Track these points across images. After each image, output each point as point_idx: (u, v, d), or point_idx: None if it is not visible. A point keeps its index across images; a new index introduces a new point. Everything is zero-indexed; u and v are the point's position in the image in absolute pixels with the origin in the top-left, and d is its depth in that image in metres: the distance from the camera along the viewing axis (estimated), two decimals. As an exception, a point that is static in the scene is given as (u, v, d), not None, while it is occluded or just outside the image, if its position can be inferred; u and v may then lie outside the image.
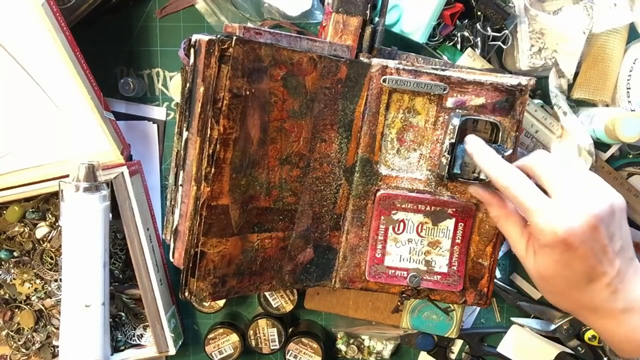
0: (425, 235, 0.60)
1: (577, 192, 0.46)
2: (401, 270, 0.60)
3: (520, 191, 0.48)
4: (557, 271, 0.47)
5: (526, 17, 0.65)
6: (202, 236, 0.52)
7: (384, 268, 0.60)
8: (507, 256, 0.76)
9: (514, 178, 0.49)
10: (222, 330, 0.74)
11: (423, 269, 0.60)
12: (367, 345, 0.78)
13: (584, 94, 0.69)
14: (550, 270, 0.48)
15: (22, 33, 0.60)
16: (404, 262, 0.60)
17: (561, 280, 0.48)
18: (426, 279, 0.61)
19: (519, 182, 0.48)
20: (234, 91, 0.50)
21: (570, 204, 0.46)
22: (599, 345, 0.74)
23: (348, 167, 0.59)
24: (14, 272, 0.73)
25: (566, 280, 0.47)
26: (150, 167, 0.74)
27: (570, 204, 0.46)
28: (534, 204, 0.47)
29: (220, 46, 0.49)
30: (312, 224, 0.59)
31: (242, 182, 0.53)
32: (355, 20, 0.59)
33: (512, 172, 0.49)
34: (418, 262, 0.60)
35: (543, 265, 0.48)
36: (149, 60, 0.73)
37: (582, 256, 0.46)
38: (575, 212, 0.45)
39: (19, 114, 0.64)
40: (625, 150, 0.73)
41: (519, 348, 0.75)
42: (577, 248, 0.45)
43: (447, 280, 0.61)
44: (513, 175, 0.49)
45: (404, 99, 0.58)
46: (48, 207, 0.71)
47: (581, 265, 0.46)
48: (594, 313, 0.48)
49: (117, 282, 0.73)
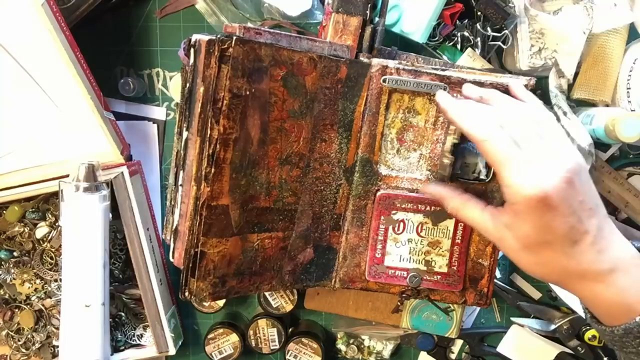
0: (425, 235, 0.60)
1: (544, 150, 0.46)
2: (401, 270, 0.60)
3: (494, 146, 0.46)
4: (540, 236, 0.46)
5: (526, 17, 0.65)
6: (202, 236, 0.52)
7: (384, 268, 0.60)
8: (507, 256, 0.76)
9: (492, 131, 0.47)
10: (222, 330, 0.74)
11: (423, 269, 0.60)
12: (367, 345, 0.78)
13: (584, 94, 0.69)
14: (532, 237, 0.46)
15: (22, 33, 0.60)
16: (404, 262, 0.60)
17: (546, 247, 0.46)
18: (426, 279, 0.61)
19: (496, 135, 0.46)
20: (234, 91, 0.50)
21: (541, 162, 0.45)
22: (599, 345, 0.74)
23: (348, 167, 0.59)
24: (14, 272, 0.73)
25: (551, 246, 0.46)
26: (150, 167, 0.74)
27: (542, 162, 0.45)
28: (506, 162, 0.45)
29: (220, 46, 0.49)
30: (312, 224, 0.59)
31: (242, 182, 0.53)
32: (355, 20, 0.59)
33: (489, 125, 0.47)
34: (418, 262, 0.60)
35: (524, 234, 0.46)
36: (149, 60, 0.73)
37: (562, 214, 0.44)
38: (549, 170, 0.44)
39: (19, 113, 0.64)
40: (625, 150, 0.73)
41: (519, 348, 0.75)
42: (557, 206, 0.44)
43: (447, 280, 0.61)
44: (491, 127, 0.47)
45: (404, 99, 0.58)
46: (48, 207, 0.71)
47: (563, 226, 0.45)
48: (582, 279, 0.46)
49: (117, 282, 0.73)
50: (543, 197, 0.44)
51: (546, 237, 0.46)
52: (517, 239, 0.47)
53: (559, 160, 0.45)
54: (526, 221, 0.46)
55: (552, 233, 0.45)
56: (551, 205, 0.44)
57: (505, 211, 0.48)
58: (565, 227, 0.45)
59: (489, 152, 0.46)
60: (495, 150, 0.46)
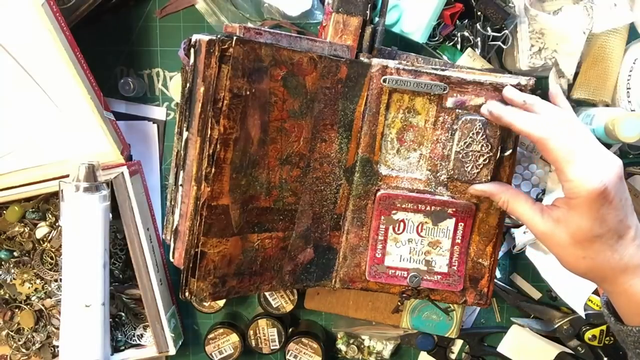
0: (426, 235, 0.60)
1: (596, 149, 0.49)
2: (401, 270, 0.60)
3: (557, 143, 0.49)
4: (594, 230, 0.48)
5: (526, 17, 0.65)
6: (202, 236, 0.52)
7: (384, 268, 0.60)
8: (507, 256, 0.76)
9: (554, 129, 0.49)
10: (222, 330, 0.74)
11: (423, 269, 0.60)
12: (367, 345, 0.78)
13: (584, 94, 0.69)
14: (586, 230, 0.48)
15: (22, 33, 0.60)
16: (404, 262, 0.60)
17: (596, 241, 0.48)
18: (426, 279, 0.61)
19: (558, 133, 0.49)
20: (234, 91, 0.50)
21: (598, 159, 0.48)
22: (599, 345, 0.74)
23: (348, 167, 0.59)
24: (14, 272, 0.73)
25: (601, 239, 0.48)
26: (150, 167, 0.74)
27: (599, 159, 0.48)
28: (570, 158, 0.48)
29: (221, 46, 0.49)
30: (312, 224, 0.59)
31: (242, 182, 0.53)
32: (355, 20, 0.59)
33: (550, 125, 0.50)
34: (418, 262, 0.60)
35: (578, 227, 0.49)
36: (149, 60, 0.73)
37: (615, 209, 0.47)
38: (606, 166, 0.47)
39: (19, 114, 0.64)
40: (625, 150, 0.73)
41: (519, 348, 0.76)
42: (612, 199, 0.47)
43: (447, 280, 0.61)
44: (552, 127, 0.49)
45: (404, 99, 0.58)
46: (48, 207, 0.71)
47: (614, 219, 0.47)
48: (623, 273, 0.49)
49: (117, 282, 0.73)
50: (604, 190, 0.47)
51: (599, 231, 0.48)
52: (569, 233, 0.49)
53: (611, 157, 0.48)
54: (582, 214, 0.48)
55: (604, 226, 0.48)
56: (608, 198, 0.47)
57: (557, 206, 0.51)
58: (616, 220, 0.48)
59: (552, 149, 0.49)
60: (558, 147, 0.48)
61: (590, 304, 0.74)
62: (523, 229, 0.71)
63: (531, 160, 0.72)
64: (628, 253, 0.48)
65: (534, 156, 0.72)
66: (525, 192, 0.73)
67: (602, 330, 0.73)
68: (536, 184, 0.73)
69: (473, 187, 0.58)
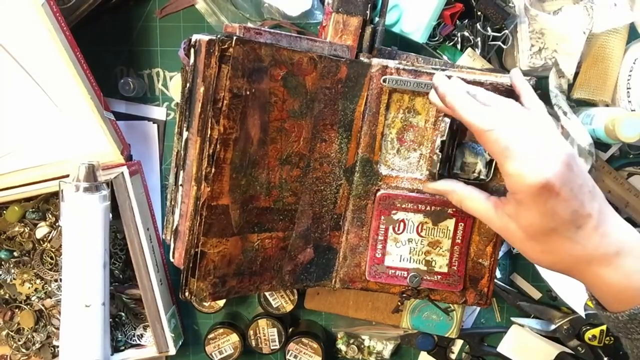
0: (426, 235, 0.60)
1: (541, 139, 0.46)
2: (401, 270, 0.60)
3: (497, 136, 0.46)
4: (545, 224, 0.46)
5: (526, 17, 0.65)
6: (202, 236, 0.52)
7: (384, 268, 0.60)
8: (507, 256, 0.76)
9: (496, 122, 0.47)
10: (222, 330, 0.74)
11: (423, 269, 0.60)
12: (367, 345, 0.78)
13: (584, 94, 0.69)
14: (537, 225, 0.46)
15: (22, 33, 0.60)
16: (404, 262, 0.60)
17: (552, 235, 0.46)
18: (426, 279, 0.61)
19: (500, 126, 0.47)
20: (234, 91, 0.50)
21: (541, 150, 0.45)
22: (599, 345, 0.74)
23: (348, 167, 0.59)
24: (14, 272, 0.73)
25: (556, 232, 0.46)
26: (150, 167, 0.74)
27: (541, 150, 0.45)
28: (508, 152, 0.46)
29: (221, 46, 0.49)
30: (312, 224, 0.59)
31: (242, 182, 0.53)
32: (355, 20, 0.59)
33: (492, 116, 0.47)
34: (418, 262, 0.60)
35: (528, 223, 0.47)
36: (149, 60, 0.73)
37: (565, 200, 0.44)
38: (549, 156, 0.45)
39: (19, 114, 0.64)
40: (625, 150, 0.73)
41: (519, 348, 0.76)
42: (559, 192, 0.44)
43: (447, 280, 0.61)
44: (494, 118, 0.47)
45: (404, 98, 0.58)
46: (48, 207, 0.71)
47: (566, 211, 0.45)
48: (588, 264, 0.46)
49: (117, 282, 0.73)
50: (545, 184, 0.44)
51: (551, 224, 0.46)
52: (522, 229, 0.48)
53: (555, 147, 0.46)
54: (530, 209, 0.46)
55: (556, 219, 0.45)
56: (553, 191, 0.44)
57: (508, 201, 0.48)
58: (569, 212, 0.45)
59: (492, 142, 0.46)
60: (498, 140, 0.46)
61: (590, 304, 0.74)
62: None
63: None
64: (591, 243, 0.45)
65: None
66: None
67: (602, 330, 0.73)
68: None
69: (426, 185, 0.57)
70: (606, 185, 0.71)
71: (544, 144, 0.46)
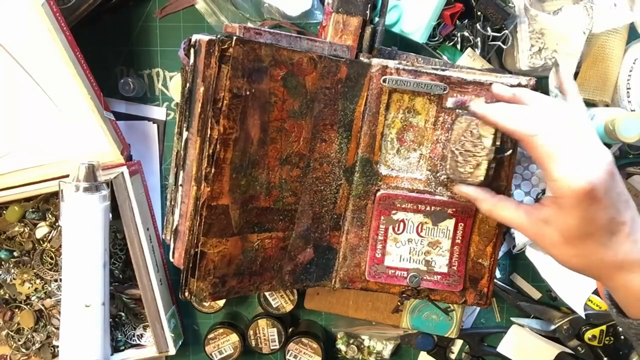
0: (425, 235, 0.60)
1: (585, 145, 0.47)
2: (401, 270, 0.60)
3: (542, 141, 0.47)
4: (583, 229, 0.47)
5: (526, 17, 0.65)
6: (202, 236, 0.52)
7: (384, 268, 0.60)
8: (507, 256, 0.76)
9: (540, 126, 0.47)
10: (222, 330, 0.74)
11: (423, 269, 0.60)
12: (367, 345, 0.78)
13: (584, 94, 0.69)
14: (575, 230, 0.47)
15: (22, 33, 0.60)
16: (404, 262, 0.60)
17: (587, 240, 0.47)
18: (426, 279, 0.61)
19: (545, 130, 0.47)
20: (234, 91, 0.50)
21: (585, 156, 0.46)
22: (599, 345, 0.74)
23: (348, 167, 0.59)
24: (14, 272, 0.73)
25: (592, 238, 0.47)
26: (150, 167, 0.74)
27: (586, 156, 0.46)
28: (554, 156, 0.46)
29: (221, 46, 0.49)
30: (312, 224, 0.59)
31: (242, 182, 0.53)
32: (355, 20, 0.59)
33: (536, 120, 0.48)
34: (418, 262, 0.60)
35: (567, 227, 0.47)
36: (149, 60, 0.73)
37: (605, 207, 0.46)
38: (594, 163, 0.46)
39: (19, 114, 0.64)
40: (625, 150, 0.73)
41: (519, 348, 0.76)
42: (601, 199, 0.45)
43: (447, 280, 0.61)
44: (538, 123, 0.48)
45: (404, 99, 0.58)
46: (48, 207, 0.71)
47: (605, 218, 0.46)
48: (619, 270, 0.47)
49: (117, 282, 0.73)
50: (591, 189, 0.45)
51: (589, 229, 0.47)
52: (560, 233, 0.48)
53: (599, 154, 0.46)
54: (571, 214, 0.47)
55: (595, 225, 0.46)
56: (596, 197, 0.45)
57: (544, 206, 0.49)
58: (607, 218, 0.46)
59: (538, 147, 0.47)
60: (544, 145, 0.46)
61: (590, 304, 0.74)
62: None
63: (531, 160, 0.72)
64: (623, 250, 0.47)
65: (534, 156, 0.72)
66: (525, 192, 0.73)
67: (602, 330, 0.73)
68: (536, 184, 0.73)
69: (459, 187, 0.57)
70: (606, 185, 0.71)
71: (588, 150, 0.47)
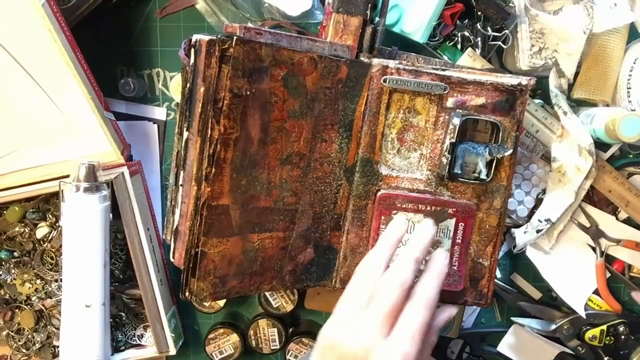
0: (426, 235, 0.60)
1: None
2: (401, 270, 0.60)
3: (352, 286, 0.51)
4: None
5: (526, 17, 0.65)
6: (202, 236, 0.52)
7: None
8: (507, 256, 0.76)
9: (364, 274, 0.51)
10: (222, 330, 0.74)
11: (423, 269, 0.60)
12: (368, 345, 0.78)
13: (584, 94, 0.69)
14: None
15: (22, 33, 0.60)
16: (404, 262, 0.60)
17: None
18: (426, 279, 0.60)
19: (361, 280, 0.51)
20: (235, 91, 0.50)
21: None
22: (599, 345, 0.74)
23: (348, 167, 0.59)
24: (14, 272, 0.73)
25: None
26: (151, 167, 0.74)
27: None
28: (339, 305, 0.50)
29: (221, 46, 0.49)
30: (313, 224, 0.59)
31: (242, 182, 0.53)
32: (355, 20, 0.59)
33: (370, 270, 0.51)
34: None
35: None
36: (149, 60, 0.73)
37: None
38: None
39: (19, 114, 0.64)
40: (626, 150, 0.73)
41: (519, 348, 0.75)
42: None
43: (448, 280, 0.60)
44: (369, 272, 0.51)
45: (405, 99, 0.58)
46: (48, 207, 0.71)
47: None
48: None
49: (118, 282, 0.73)
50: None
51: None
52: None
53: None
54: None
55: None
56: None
57: None
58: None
59: (350, 283, 0.50)
60: (350, 287, 0.50)
61: (590, 304, 0.74)
62: (523, 229, 0.71)
63: (531, 160, 0.72)
64: None
65: (534, 156, 0.72)
66: (526, 192, 0.73)
67: (602, 330, 0.73)
68: (537, 184, 0.73)
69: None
70: (606, 184, 0.71)
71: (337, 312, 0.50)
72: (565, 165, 0.69)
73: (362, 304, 0.48)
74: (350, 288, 0.50)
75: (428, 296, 0.48)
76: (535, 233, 0.71)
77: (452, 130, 0.56)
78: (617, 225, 0.73)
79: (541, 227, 0.70)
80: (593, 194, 0.73)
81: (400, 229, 0.54)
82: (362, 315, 0.47)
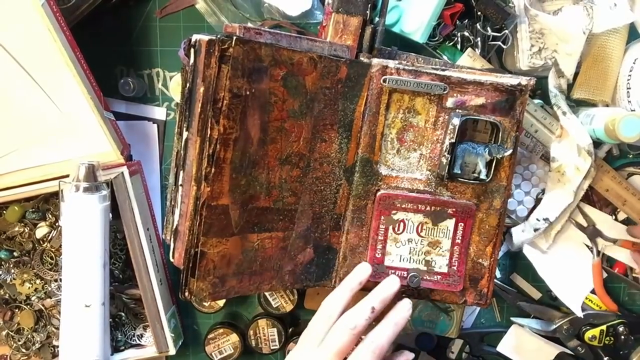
0: (425, 235, 0.60)
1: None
2: (401, 270, 0.60)
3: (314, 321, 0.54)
4: None
5: (526, 17, 0.65)
6: (202, 236, 0.52)
7: (384, 268, 0.60)
8: (507, 256, 0.76)
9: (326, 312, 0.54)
10: (222, 330, 0.74)
11: (423, 269, 0.60)
12: (367, 345, 0.78)
13: (584, 94, 0.69)
14: None
15: (22, 33, 0.60)
16: (404, 262, 0.60)
17: None
18: (426, 279, 0.61)
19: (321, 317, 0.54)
20: (234, 91, 0.50)
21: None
22: (598, 345, 0.74)
23: (348, 167, 0.59)
24: (14, 272, 0.73)
25: None
26: (150, 167, 0.74)
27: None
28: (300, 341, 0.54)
29: (221, 46, 0.49)
30: (312, 224, 0.59)
31: (242, 182, 0.53)
32: (355, 20, 0.59)
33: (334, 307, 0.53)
34: (418, 262, 0.60)
35: None
36: (149, 60, 0.73)
37: None
38: None
39: (18, 114, 0.64)
40: (625, 150, 0.73)
41: (519, 348, 0.76)
42: None
43: (447, 280, 0.61)
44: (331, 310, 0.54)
45: (404, 99, 0.58)
46: (48, 207, 0.71)
47: None
48: None
49: (117, 282, 0.73)
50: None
51: None
52: None
53: None
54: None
55: None
56: None
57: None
58: None
59: (311, 321, 0.54)
60: (310, 324, 0.54)
61: (589, 304, 0.74)
62: (521, 227, 0.71)
63: (531, 160, 0.72)
64: None
65: (534, 156, 0.72)
66: (525, 192, 0.73)
67: (602, 330, 0.73)
68: (536, 184, 0.73)
69: None
70: (604, 183, 0.71)
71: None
72: (564, 165, 0.69)
73: (315, 343, 0.52)
74: (309, 325, 0.54)
75: (377, 343, 0.52)
76: (533, 232, 0.71)
77: (451, 130, 0.56)
78: (614, 225, 0.73)
79: (539, 226, 0.70)
80: (592, 194, 0.73)
81: (362, 274, 0.57)
82: (313, 353, 0.51)
